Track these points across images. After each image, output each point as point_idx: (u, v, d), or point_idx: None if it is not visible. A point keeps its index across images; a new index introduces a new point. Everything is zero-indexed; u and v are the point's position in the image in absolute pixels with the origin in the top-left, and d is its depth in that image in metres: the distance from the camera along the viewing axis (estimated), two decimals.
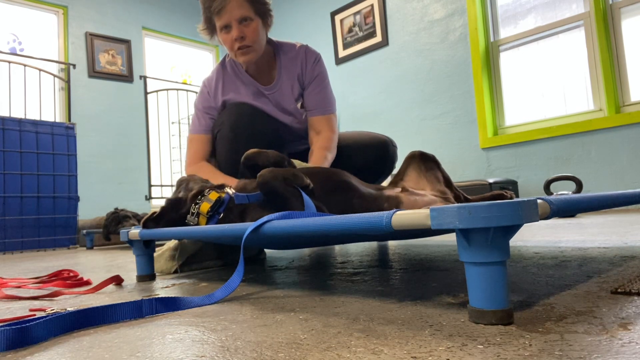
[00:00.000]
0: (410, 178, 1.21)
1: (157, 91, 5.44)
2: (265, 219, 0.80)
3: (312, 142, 1.56)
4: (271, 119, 1.56)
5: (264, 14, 1.49)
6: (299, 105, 1.61)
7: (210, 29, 1.53)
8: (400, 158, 1.64)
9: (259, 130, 1.48)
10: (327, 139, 1.54)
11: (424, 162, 1.22)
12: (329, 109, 1.61)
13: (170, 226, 1.14)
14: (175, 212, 1.12)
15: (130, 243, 1.21)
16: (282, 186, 0.96)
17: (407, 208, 1.05)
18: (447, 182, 1.22)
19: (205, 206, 1.06)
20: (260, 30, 1.48)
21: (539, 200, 0.55)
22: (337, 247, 1.84)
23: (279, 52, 1.59)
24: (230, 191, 1.09)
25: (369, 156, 1.58)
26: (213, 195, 1.07)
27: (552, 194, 3.10)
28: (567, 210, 0.64)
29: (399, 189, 1.13)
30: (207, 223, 1.06)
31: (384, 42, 4.55)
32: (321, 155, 1.48)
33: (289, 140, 1.64)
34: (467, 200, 1.22)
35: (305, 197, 0.95)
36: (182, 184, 1.19)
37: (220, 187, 1.11)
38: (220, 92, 1.58)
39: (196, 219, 1.07)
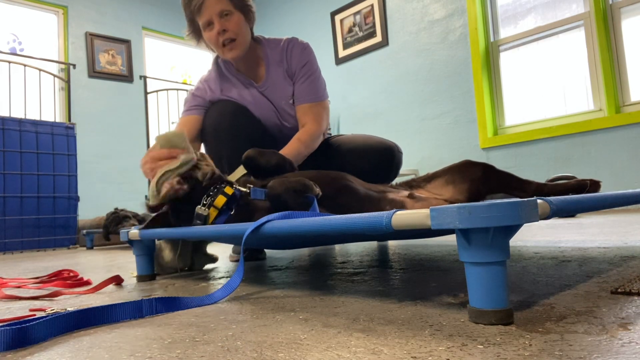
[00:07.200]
0: (437, 184, 1.15)
1: (157, 91, 5.43)
2: (265, 219, 0.80)
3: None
4: (255, 117, 1.54)
5: (243, 8, 1.48)
6: (291, 102, 1.57)
7: (196, 32, 1.53)
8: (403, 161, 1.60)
9: (242, 127, 1.45)
10: (307, 132, 1.47)
11: (468, 172, 1.13)
12: (315, 96, 1.53)
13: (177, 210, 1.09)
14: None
15: (131, 243, 1.21)
16: (292, 198, 0.96)
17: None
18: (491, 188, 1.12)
19: (220, 200, 1.01)
20: (242, 24, 1.47)
21: (539, 200, 0.55)
22: (337, 247, 1.84)
23: (265, 49, 1.56)
24: (242, 187, 1.04)
25: (374, 161, 1.51)
26: (229, 190, 1.02)
27: None
28: (567, 210, 0.64)
29: (407, 193, 1.11)
30: (216, 217, 1.01)
31: (384, 42, 4.55)
32: (294, 148, 1.41)
33: (280, 138, 1.59)
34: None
35: (315, 206, 0.94)
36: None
37: (231, 183, 1.06)
38: (219, 90, 1.56)
39: (207, 210, 1.01)
